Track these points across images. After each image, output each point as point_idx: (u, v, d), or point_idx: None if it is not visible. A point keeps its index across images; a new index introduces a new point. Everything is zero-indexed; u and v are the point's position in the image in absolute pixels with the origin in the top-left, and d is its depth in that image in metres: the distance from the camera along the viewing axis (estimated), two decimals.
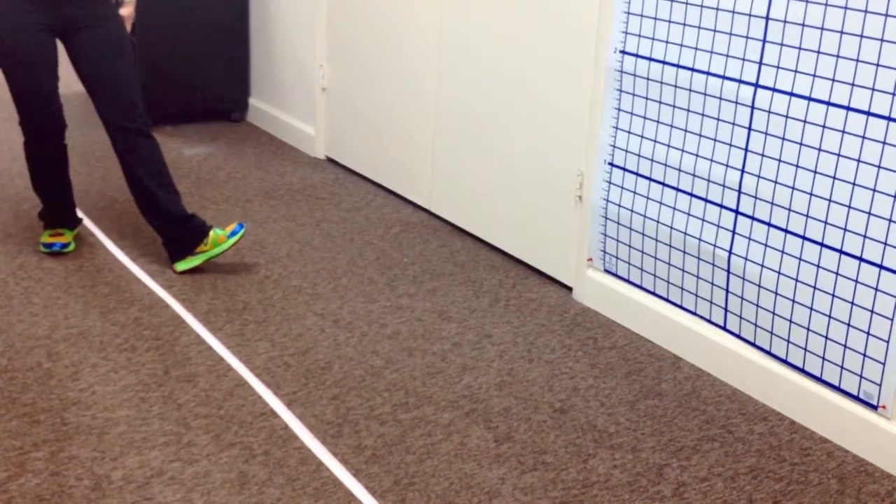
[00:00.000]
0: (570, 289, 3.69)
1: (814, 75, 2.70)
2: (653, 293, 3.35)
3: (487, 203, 4.04)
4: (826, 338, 2.80)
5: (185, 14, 5.39)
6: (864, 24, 2.56)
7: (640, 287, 3.39)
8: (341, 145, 5.00)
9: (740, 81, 2.90)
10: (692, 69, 3.03)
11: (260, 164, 4.98)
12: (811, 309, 2.83)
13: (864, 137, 2.60)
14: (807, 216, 2.79)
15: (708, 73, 2.99)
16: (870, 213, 2.63)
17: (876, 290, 2.65)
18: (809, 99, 2.72)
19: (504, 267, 3.90)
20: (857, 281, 2.69)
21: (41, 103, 3.52)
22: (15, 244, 3.87)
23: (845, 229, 2.69)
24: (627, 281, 3.44)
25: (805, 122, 2.74)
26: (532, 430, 2.82)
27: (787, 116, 2.78)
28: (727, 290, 3.07)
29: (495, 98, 3.91)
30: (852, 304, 2.71)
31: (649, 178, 3.25)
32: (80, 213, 4.18)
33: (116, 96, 3.53)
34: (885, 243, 2.61)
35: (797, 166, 2.78)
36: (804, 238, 2.81)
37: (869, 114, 2.58)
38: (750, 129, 2.90)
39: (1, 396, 2.85)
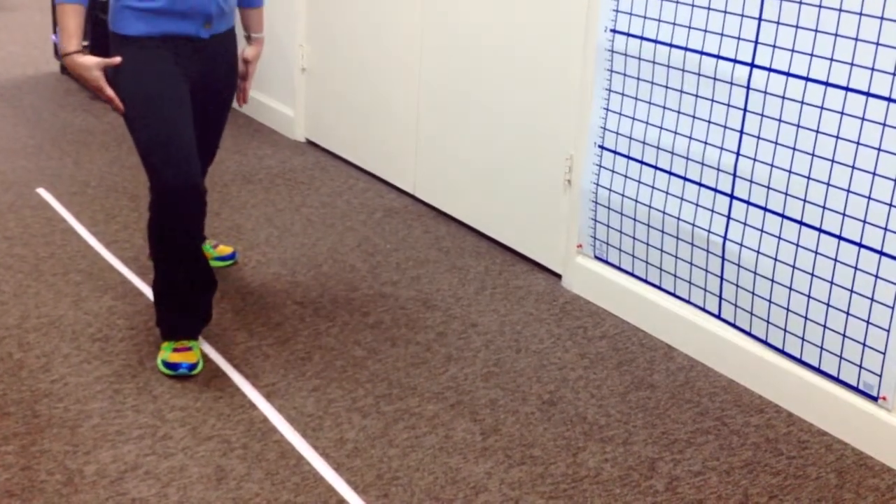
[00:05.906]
0: (558, 276, 3.65)
1: (811, 55, 2.68)
2: (645, 281, 3.32)
3: (473, 188, 3.99)
4: (824, 327, 2.79)
5: None
6: (863, 1, 2.54)
7: (632, 274, 3.36)
8: (322, 128, 4.95)
9: (735, 61, 2.87)
10: (686, 48, 3.01)
11: (237, 146, 4.95)
12: (809, 297, 2.80)
13: (863, 119, 2.59)
14: (804, 201, 2.76)
15: (702, 53, 2.96)
16: (869, 198, 2.61)
17: (876, 277, 2.63)
18: (807, 79, 2.70)
19: (490, 253, 3.85)
20: (856, 268, 2.67)
21: None
22: None
23: (844, 214, 2.67)
24: (618, 268, 3.40)
25: (802, 103, 2.72)
26: (520, 422, 2.79)
27: (783, 97, 2.76)
28: (722, 278, 3.03)
29: (481, 79, 3.86)
30: (851, 291, 2.69)
31: (641, 162, 3.21)
32: (54, 201, 4.10)
33: None
34: (886, 229, 2.59)
35: (794, 149, 2.76)
36: (801, 223, 2.78)
37: (868, 94, 2.56)
38: (745, 110, 2.87)
39: None
